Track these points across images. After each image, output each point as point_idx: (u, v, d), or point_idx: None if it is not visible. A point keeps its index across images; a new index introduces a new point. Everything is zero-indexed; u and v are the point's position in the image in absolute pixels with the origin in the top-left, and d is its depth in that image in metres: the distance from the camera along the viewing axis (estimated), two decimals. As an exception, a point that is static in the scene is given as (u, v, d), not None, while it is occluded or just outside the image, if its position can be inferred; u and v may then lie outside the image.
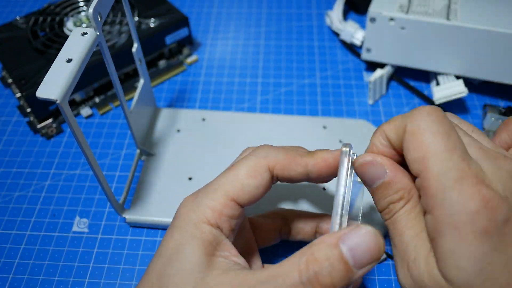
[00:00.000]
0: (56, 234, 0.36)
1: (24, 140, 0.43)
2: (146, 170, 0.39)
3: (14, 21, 0.49)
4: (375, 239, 0.20)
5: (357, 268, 0.20)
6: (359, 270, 0.20)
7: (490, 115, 0.42)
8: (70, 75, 0.24)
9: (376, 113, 0.45)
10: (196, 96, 0.47)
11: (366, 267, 0.20)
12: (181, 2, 0.59)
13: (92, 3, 0.27)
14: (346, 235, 0.20)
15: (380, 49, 0.45)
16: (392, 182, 0.23)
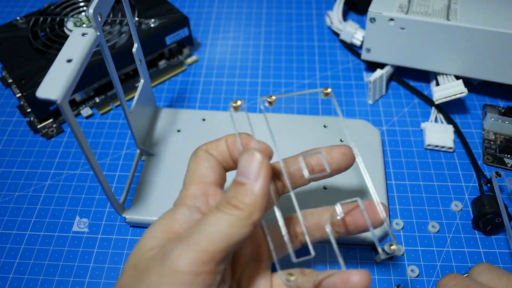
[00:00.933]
0: (56, 234, 0.36)
1: (24, 140, 0.43)
2: (146, 170, 0.39)
3: (14, 21, 0.49)
4: (246, 153, 0.23)
5: (252, 180, 0.22)
6: (254, 181, 0.22)
7: (490, 115, 0.42)
8: (70, 75, 0.24)
9: (376, 113, 0.45)
10: (196, 96, 0.47)
11: (260, 175, 0.22)
12: (181, 2, 0.59)
13: (92, 3, 0.27)
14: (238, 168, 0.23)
15: (380, 49, 0.45)
16: None
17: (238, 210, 0.22)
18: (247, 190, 0.22)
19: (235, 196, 0.22)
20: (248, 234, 0.22)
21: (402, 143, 0.42)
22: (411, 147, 0.42)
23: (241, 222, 0.22)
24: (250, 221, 0.22)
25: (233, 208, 0.22)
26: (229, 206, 0.22)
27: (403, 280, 0.33)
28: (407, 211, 0.37)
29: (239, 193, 0.22)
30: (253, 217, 0.22)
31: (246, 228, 0.22)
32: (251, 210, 0.22)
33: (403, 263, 0.34)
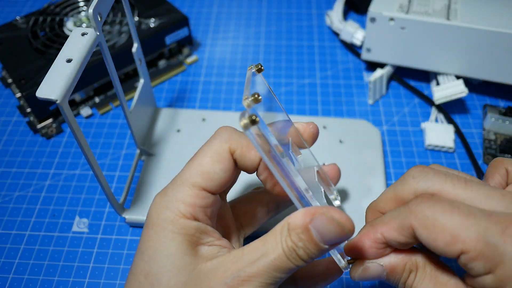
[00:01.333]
0: (56, 234, 0.36)
1: (24, 140, 0.43)
2: (146, 170, 0.39)
3: (14, 21, 0.49)
4: (338, 224, 0.22)
5: (327, 245, 0.22)
6: (328, 245, 0.22)
7: (490, 115, 0.42)
8: (70, 75, 0.24)
9: (376, 113, 0.45)
10: (196, 96, 0.47)
11: (335, 244, 0.22)
12: (181, 2, 0.59)
13: (92, 3, 0.27)
14: (314, 220, 0.22)
15: (380, 49, 0.45)
16: (392, 270, 0.24)
17: (302, 262, 0.22)
18: (319, 251, 0.22)
19: (307, 252, 0.22)
20: None
21: (402, 143, 0.42)
22: (411, 147, 0.42)
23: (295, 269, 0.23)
24: None
25: (301, 260, 0.22)
26: (298, 258, 0.22)
27: (403, 280, 0.33)
28: (407, 211, 0.37)
29: (312, 252, 0.22)
30: None
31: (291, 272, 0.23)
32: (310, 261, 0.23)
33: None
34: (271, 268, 0.22)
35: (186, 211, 0.24)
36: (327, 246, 0.22)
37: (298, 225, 0.22)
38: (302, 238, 0.22)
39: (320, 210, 0.22)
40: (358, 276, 0.25)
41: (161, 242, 0.23)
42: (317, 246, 0.22)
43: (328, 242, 0.22)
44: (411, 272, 0.24)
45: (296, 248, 0.22)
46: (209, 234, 0.24)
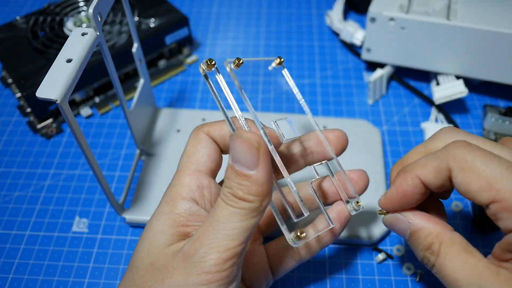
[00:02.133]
0: (56, 234, 0.36)
1: (24, 140, 0.43)
2: (146, 170, 0.39)
3: (14, 21, 0.49)
4: (241, 141, 0.22)
5: (251, 169, 0.22)
6: (254, 170, 0.22)
7: (490, 115, 0.42)
8: (70, 75, 0.24)
9: (376, 113, 0.45)
10: (196, 96, 0.47)
11: (260, 164, 0.22)
12: (181, 2, 0.59)
13: (92, 3, 0.27)
14: (230, 153, 0.22)
15: (380, 49, 0.45)
16: (418, 230, 0.24)
17: (248, 203, 0.22)
18: (252, 181, 0.22)
19: (240, 188, 0.22)
20: (260, 220, 0.23)
21: (402, 143, 0.42)
22: (411, 147, 0.42)
23: (253, 213, 0.22)
24: (261, 209, 0.22)
25: (242, 201, 0.22)
26: (236, 199, 0.22)
27: (403, 280, 0.33)
28: (407, 211, 0.37)
29: (244, 185, 0.22)
30: (263, 204, 0.22)
31: (258, 216, 0.23)
32: (260, 199, 0.22)
33: (403, 263, 0.34)
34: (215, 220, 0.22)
35: (182, 191, 0.25)
36: (252, 172, 0.22)
37: (227, 170, 0.23)
38: (231, 176, 0.22)
39: (229, 138, 0.23)
40: (387, 222, 0.26)
41: (149, 224, 0.25)
42: (244, 175, 0.22)
43: (249, 164, 0.22)
44: (433, 243, 0.24)
45: (230, 190, 0.22)
46: (199, 218, 0.25)
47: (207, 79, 0.26)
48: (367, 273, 0.34)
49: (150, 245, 0.24)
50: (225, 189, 0.22)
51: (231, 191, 0.22)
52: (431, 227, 0.24)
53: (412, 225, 0.25)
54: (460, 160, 0.22)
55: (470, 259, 0.22)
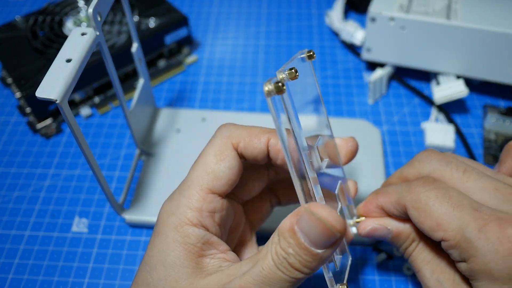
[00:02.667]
0: (56, 234, 0.36)
1: (24, 140, 0.43)
2: (146, 170, 0.39)
3: (14, 21, 0.49)
4: (326, 226, 0.20)
5: (319, 249, 0.20)
6: (322, 250, 0.20)
7: (490, 115, 0.42)
8: (70, 75, 0.24)
9: (376, 113, 0.45)
10: (196, 96, 0.47)
11: (329, 247, 0.20)
12: (181, 2, 0.59)
13: (92, 3, 0.27)
14: (299, 220, 0.20)
15: (380, 49, 0.45)
16: (398, 235, 0.27)
17: (301, 274, 0.21)
18: (314, 259, 0.20)
19: (298, 260, 0.20)
20: None
21: (402, 143, 0.42)
22: (411, 147, 0.42)
23: (299, 282, 0.21)
24: (304, 279, 0.21)
25: (295, 271, 0.20)
26: (290, 268, 0.20)
27: (403, 280, 0.33)
28: (408, 211, 0.37)
29: (304, 260, 0.20)
30: (308, 276, 0.21)
31: (299, 283, 0.21)
32: (313, 272, 0.21)
33: (403, 263, 0.34)
34: (260, 280, 0.20)
35: (192, 217, 0.23)
36: (320, 251, 0.20)
37: (286, 228, 0.20)
38: (291, 242, 0.20)
39: (303, 208, 0.20)
40: (365, 233, 0.27)
41: (163, 251, 0.23)
42: (307, 251, 0.20)
43: (318, 244, 0.20)
44: (413, 241, 0.26)
45: (286, 256, 0.20)
46: (213, 246, 0.24)
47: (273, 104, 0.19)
48: (367, 273, 0.33)
49: (172, 277, 0.23)
50: (280, 251, 0.20)
51: (287, 258, 0.20)
52: (411, 229, 0.26)
53: (392, 231, 0.27)
54: (415, 200, 0.24)
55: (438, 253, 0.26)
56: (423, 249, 0.26)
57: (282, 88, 0.19)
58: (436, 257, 0.26)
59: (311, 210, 0.20)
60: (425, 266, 0.26)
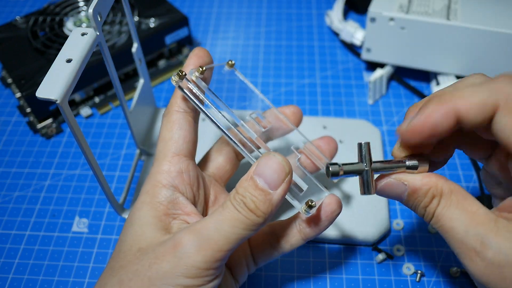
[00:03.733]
0: (56, 234, 0.36)
1: (24, 140, 0.43)
2: (146, 170, 0.39)
3: (14, 21, 0.49)
4: (279, 161, 0.23)
5: (272, 189, 0.23)
6: (275, 190, 0.23)
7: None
8: (70, 75, 0.24)
9: (376, 113, 0.45)
10: (196, 96, 0.47)
11: (281, 187, 0.23)
12: (181, 2, 0.59)
13: (92, 3, 0.27)
14: (257, 166, 0.23)
15: (380, 49, 0.45)
16: (415, 190, 0.23)
17: (255, 216, 0.23)
18: (266, 199, 0.23)
19: (253, 201, 0.23)
20: (253, 234, 0.24)
21: (402, 143, 0.42)
22: (411, 147, 0.42)
23: (254, 226, 0.23)
24: (261, 225, 0.23)
25: (250, 212, 0.23)
26: (247, 209, 0.23)
27: (403, 280, 0.33)
28: (407, 211, 0.37)
29: (258, 200, 0.23)
30: (265, 223, 0.23)
31: (255, 231, 0.23)
32: (266, 217, 0.23)
33: (403, 263, 0.34)
34: (220, 221, 0.23)
35: (162, 178, 0.26)
36: (273, 191, 0.23)
37: (244, 177, 0.23)
38: (247, 186, 0.23)
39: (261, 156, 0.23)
40: (379, 189, 0.24)
41: (132, 213, 0.26)
42: (262, 191, 0.22)
43: (271, 183, 0.23)
44: (434, 197, 0.23)
45: (243, 198, 0.23)
46: (178, 206, 0.25)
47: (183, 90, 0.26)
48: (367, 273, 0.34)
49: (136, 233, 0.25)
50: (238, 195, 0.23)
51: (244, 199, 0.23)
52: (430, 182, 0.23)
53: (408, 187, 0.23)
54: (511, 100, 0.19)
55: (468, 207, 0.22)
56: (448, 203, 0.22)
57: (182, 74, 0.26)
58: (467, 210, 0.22)
59: (268, 153, 0.23)
60: (456, 223, 0.22)
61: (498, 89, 0.20)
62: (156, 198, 0.25)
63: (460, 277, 0.33)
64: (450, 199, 0.22)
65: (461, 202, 0.22)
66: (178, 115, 0.27)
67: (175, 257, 0.22)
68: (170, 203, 0.25)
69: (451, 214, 0.22)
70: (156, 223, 0.25)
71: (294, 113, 0.32)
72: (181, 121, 0.27)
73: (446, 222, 0.22)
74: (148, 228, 0.24)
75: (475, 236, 0.21)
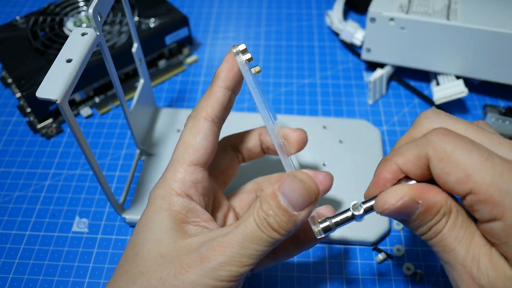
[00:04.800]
0: (56, 234, 0.36)
1: (24, 140, 0.43)
2: (146, 170, 0.39)
3: (14, 21, 0.49)
4: (305, 186, 0.22)
5: (297, 211, 0.22)
6: (300, 212, 0.23)
7: (490, 115, 0.42)
8: (70, 75, 0.24)
9: (376, 113, 0.45)
10: (196, 96, 0.47)
11: (305, 209, 0.23)
12: (181, 2, 0.59)
13: (92, 3, 0.27)
14: (282, 185, 0.23)
15: (380, 49, 0.45)
16: (428, 209, 0.22)
17: (277, 234, 0.23)
18: (290, 220, 0.23)
19: (277, 221, 0.22)
20: None
21: (402, 143, 0.42)
22: (411, 147, 0.42)
23: (276, 242, 0.23)
24: (280, 241, 0.23)
25: (273, 231, 0.23)
26: (269, 228, 0.23)
27: (403, 280, 0.33)
28: (407, 211, 0.37)
29: (282, 220, 0.22)
30: (283, 239, 0.23)
31: (275, 245, 0.23)
32: (288, 234, 0.23)
33: (403, 263, 0.34)
34: (242, 238, 0.23)
35: (177, 187, 0.25)
36: (297, 213, 0.22)
37: (268, 193, 0.23)
38: (272, 205, 0.23)
39: (287, 173, 0.23)
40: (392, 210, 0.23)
41: (149, 217, 0.25)
42: (286, 212, 0.22)
43: (296, 206, 0.22)
44: (444, 216, 0.22)
45: (266, 217, 0.22)
46: (196, 214, 0.25)
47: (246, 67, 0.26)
48: (367, 273, 0.34)
49: (155, 237, 0.24)
50: (261, 213, 0.23)
51: (267, 218, 0.23)
52: (442, 199, 0.22)
53: (422, 205, 0.22)
54: (439, 150, 0.21)
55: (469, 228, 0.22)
56: (454, 224, 0.22)
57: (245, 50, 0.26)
58: (468, 232, 0.22)
59: (294, 174, 0.23)
60: (459, 244, 0.22)
61: (427, 143, 0.22)
62: (173, 207, 0.25)
63: (460, 277, 0.33)
64: (458, 219, 0.22)
65: (465, 222, 0.22)
66: (205, 124, 0.27)
67: (201, 270, 0.23)
68: (189, 212, 0.25)
69: (457, 234, 0.22)
70: (176, 228, 0.25)
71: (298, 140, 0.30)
72: (207, 131, 0.27)
73: (451, 242, 0.22)
74: (168, 233, 0.24)
75: (473, 259, 0.21)
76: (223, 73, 0.27)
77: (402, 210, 0.22)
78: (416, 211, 0.22)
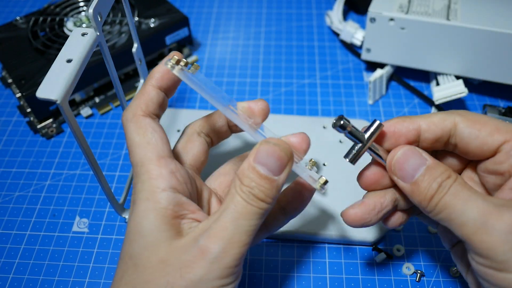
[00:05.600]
0: (56, 234, 0.36)
1: (24, 140, 0.43)
2: (146, 170, 0.39)
3: (14, 21, 0.49)
4: (280, 149, 0.23)
5: (277, 175, 0.23)
6: (279, 175, 0.23)
7: (490, 115, 0.42)
8: (70, 75, 0.24)
9: (376, 113, 0.45)
10: (196, 96, 0.47)
11: (284, 171, 0.24)
12: (181, 2, 0.59)
13: (92, 3, 0.27)
14: (257, 155, 0.23)
15: (380, 49, 0.45)
16: (436, 165, 0.24)
17: (266, 204, 0.23)
18: (273, 185, 0.23)
19: (261, 190, 0.23)
20: None
21: (402, 143, 0.42)
22: (411, 147, 0.42)
23: (266, 211, 0.24)
24: (270, 209, 0.24)
25: (261, 201, 0.23)
26: (257, 200, 0.23)
27: (403, 280, 0.33)
28: (407, 211, 0.37)
29: (265, 188, 0.23)
30: (271, 207, 0.24)
31: (266, 215, 0.24)
32: (273, 201, 0.24)
33: (403, 263, 0.34)
34: (235, 217, 0.23)
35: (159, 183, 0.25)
36: (277, 177, 0.23)
37: (245, 167, 0.23)
38: (252, 177, 0.23)
39: (260, 142, 0.24)
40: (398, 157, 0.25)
41: (138, 223, 0.24)
42: (268, 179, 0.23)
43: (275, 170, 0.23)
44: (450, 177, 0.23)
45: (251, 190, 0.23)
46: (183, 207, 0.25)
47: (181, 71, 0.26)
48: (367, 273, 0.34)
49: (150, 244, 0.24)
50: (244, 187, 0.23)
51: (252, 191, 0.23)
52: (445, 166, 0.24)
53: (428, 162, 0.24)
54: (467, 115, 0.24)
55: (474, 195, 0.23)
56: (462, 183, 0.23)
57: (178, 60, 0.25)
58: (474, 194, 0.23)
59: (265, 141, 0.23)
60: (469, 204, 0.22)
61: (452, 111, 0.25)
62: (159, 204, 0.24)
63: (460, 277, 0.33)
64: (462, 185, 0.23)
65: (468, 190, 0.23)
66: (147, 120, 0.26)
67: (206, 262, 0.23)
68: (176, 205, 0.25)
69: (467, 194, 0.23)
70: (168, 229, 0.24)
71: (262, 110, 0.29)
72: (152, 124, 0.26)
73: (460, 202, 0.23)
74: (162, 236, 0.24)
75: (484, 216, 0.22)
76: (158, 74, 0.27)
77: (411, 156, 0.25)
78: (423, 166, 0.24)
